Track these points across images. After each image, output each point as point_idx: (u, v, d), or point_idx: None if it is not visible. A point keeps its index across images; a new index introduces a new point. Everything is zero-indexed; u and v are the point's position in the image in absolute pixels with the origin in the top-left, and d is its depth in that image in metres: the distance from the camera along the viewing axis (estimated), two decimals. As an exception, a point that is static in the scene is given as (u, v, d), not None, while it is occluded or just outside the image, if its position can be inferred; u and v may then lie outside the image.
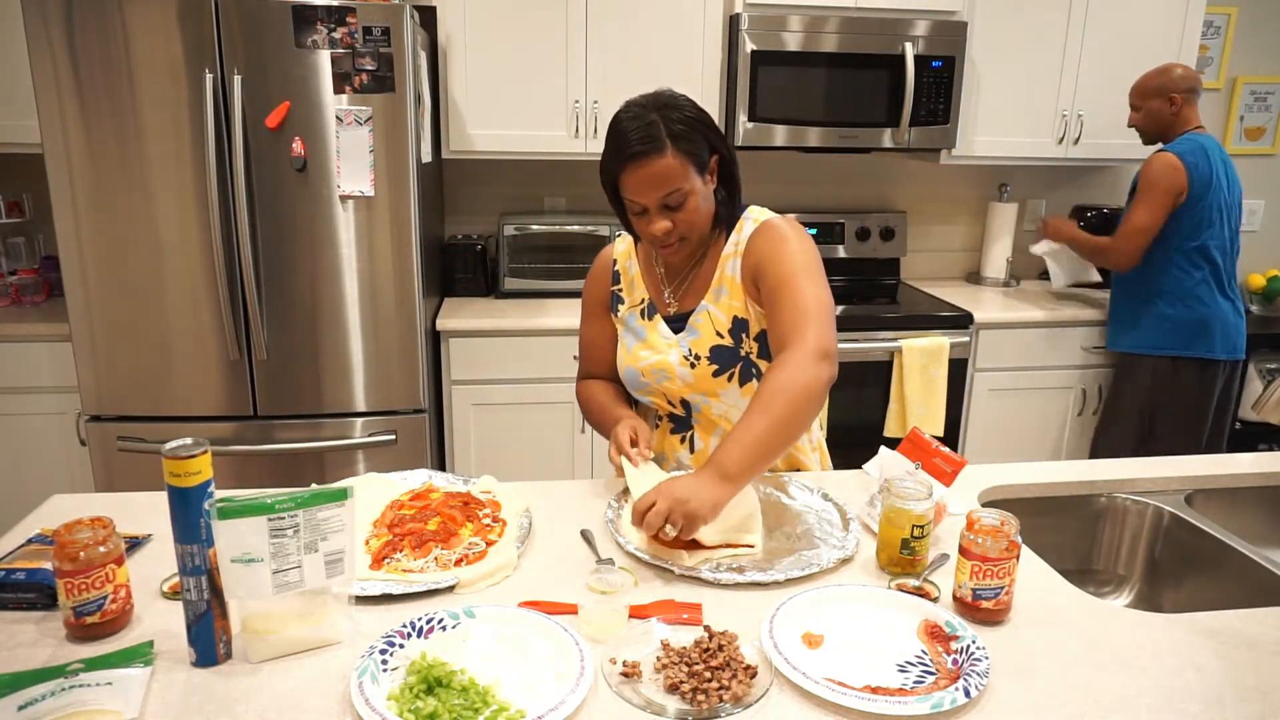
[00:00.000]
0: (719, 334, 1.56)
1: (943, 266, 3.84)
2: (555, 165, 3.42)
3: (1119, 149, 3.40)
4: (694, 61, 3.06)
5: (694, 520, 1.25)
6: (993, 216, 3.63)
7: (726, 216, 1.56)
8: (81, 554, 1.08)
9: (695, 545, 1.32)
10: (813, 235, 3.53)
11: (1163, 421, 2.98)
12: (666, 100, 1.48)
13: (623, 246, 1.68)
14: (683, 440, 1.65)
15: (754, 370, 1.57)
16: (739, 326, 1.56)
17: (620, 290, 1.66)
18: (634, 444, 1.53)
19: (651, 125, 1.43)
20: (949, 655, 1.10)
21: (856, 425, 3.15)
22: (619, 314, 1.66)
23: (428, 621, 1.12)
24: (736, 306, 1.56)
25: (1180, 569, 1.61)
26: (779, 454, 1.34)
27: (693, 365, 1.57)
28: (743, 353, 1.56)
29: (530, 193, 3.48)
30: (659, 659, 1.07)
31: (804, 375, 1.35)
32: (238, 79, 2.40)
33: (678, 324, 1.61)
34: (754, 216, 1.58)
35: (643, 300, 1.64)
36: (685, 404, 1.63)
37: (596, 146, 3.07)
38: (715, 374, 1.57)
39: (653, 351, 1.61)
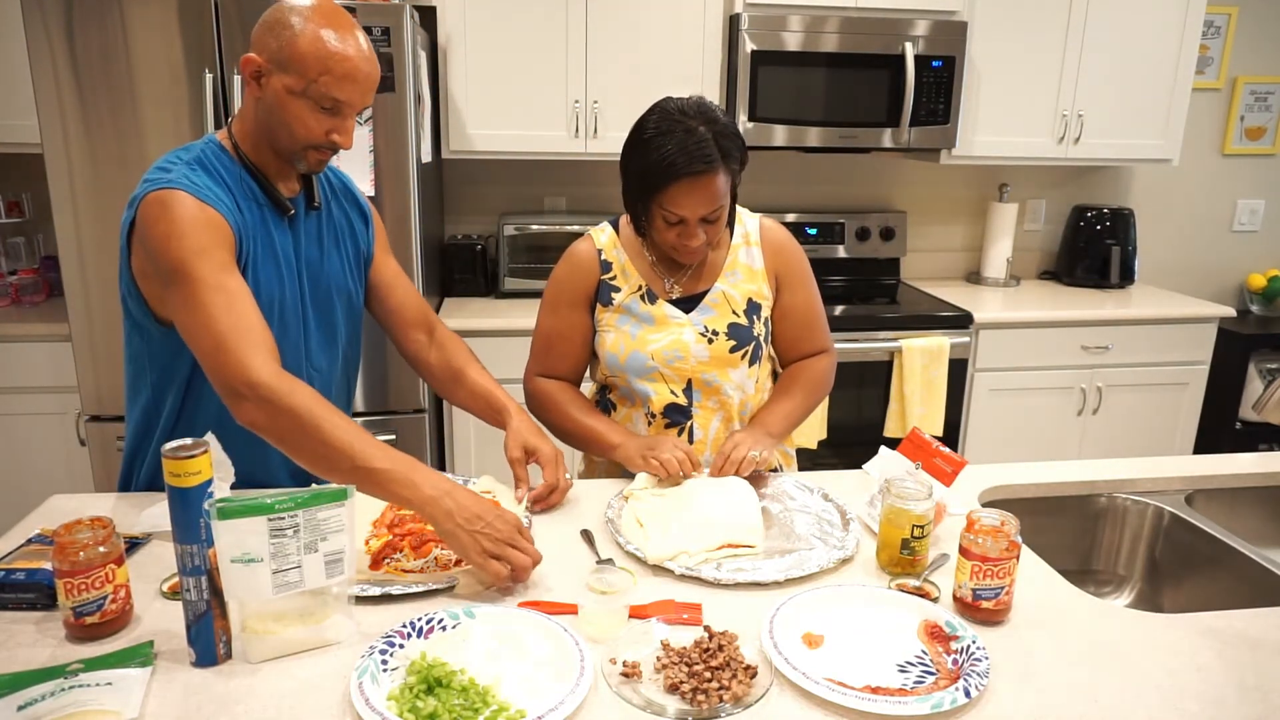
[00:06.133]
0: (735, 312, 1.63)
1: (943, 266, 3.84)
2: (555, 165, 3.42)
3: (1119, 149, 3.40)
4: (694, 61, 3.06)
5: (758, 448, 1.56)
6: (993, 216, 3.63)
7: (730, 213, 1.62)
8: (81, 554, 1.08)
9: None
10: (813, 235, 3.54)
11: None
12: (710, 112, 1.48)
13: (605, 238, 1.67)
14: (680, 433, 1.65)
15: (760, 352, 1.66)
16: (753, 308, 1.65)
17: (613, 279, 1.65)
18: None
19: (706, 142, 1.44)
20: (949, 655, 1.10)
21: (856, 425, 3.15)
22: (614, 303, 1.64)
23: (428, 621, 1.12)
24: (752, 290, 1.65)
25: (1180, 569, 1.61)
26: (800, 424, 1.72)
27: (710, 340, 1.61)
28: (755, 333, 1.64)
29: (530, 193, 3.48)
30: (659, 659, 1.07)
31: (830, 371, 1.76)
32: (238, 79, 2.40)
33: (683, 306, 1.64)
34: (741, 210, 1.69)
35: (640, 287, 1.64)
36: (688, 390, 1.63)
37: (596, 146, 3.07)
38: (732, 350, 1.62)
39: (665, 333, 1.62)
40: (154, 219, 1.30)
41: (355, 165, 2.50)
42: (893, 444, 1.53)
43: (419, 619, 1.12)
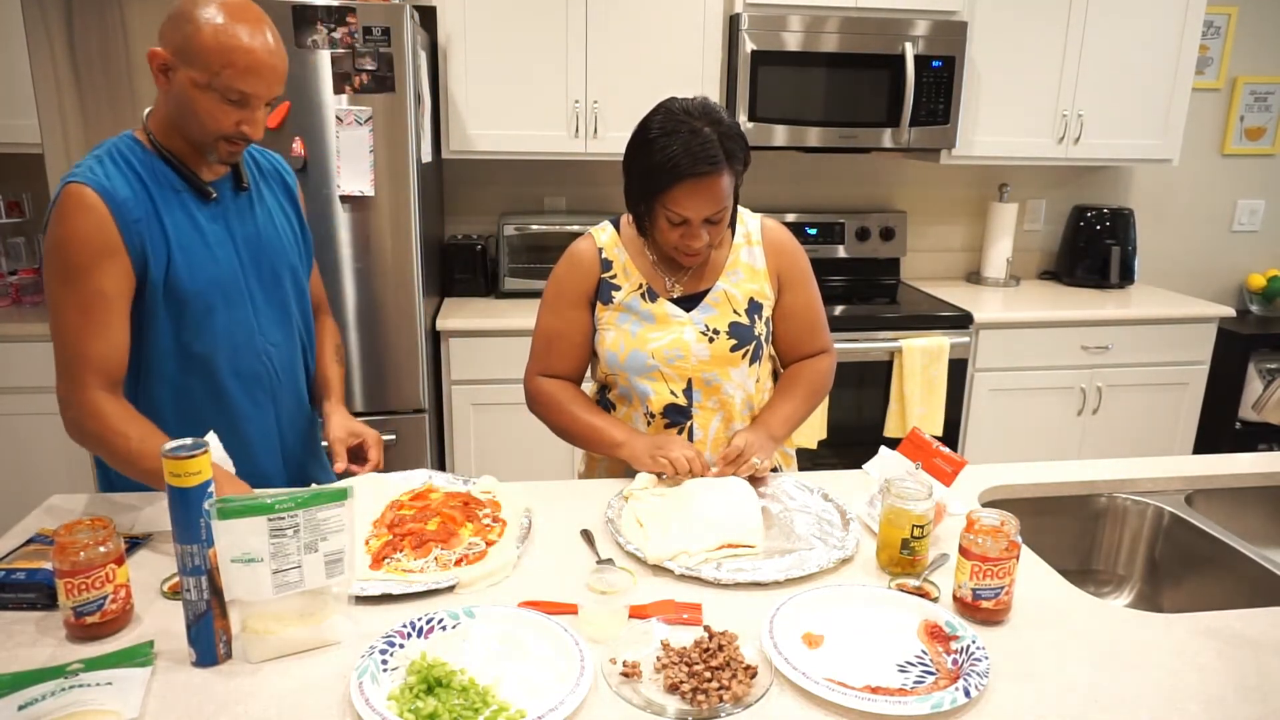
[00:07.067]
0: (736, 311, 1.63)
1: (943, 266, 3.84)
2: (555, 165, 3.42)
3: (1119, 149, 3.40)
4: (694, 61, 3.06)
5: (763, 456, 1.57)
6: (993, 216, 3.63)
7: (732, 213, 1.62)
8: (81, 554, 1.08)
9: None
10: (813, 235, 3.54)
11: None
12: (714, 113, 1.48)
13: (605, 237, 1.67)
14: (680, 433, 1.65)
15: (761, 351, 1.66)
16: (754, 308, 1.64)
17: (614, 278, 1.64)
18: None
19: (711, 143, 1.44)
20: (949, 655, 1.10)
21: (856, 425, 3.15)
22: (614, 301, 1.64)
23: (428, 621, 1.12)
24: (754, 290, 1.65)
25: (1180, 569, 1.61)
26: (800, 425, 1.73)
27: (711, 339, 1.61)
28: (756, 332, 1.64)
29: (530, 193, 3.48)
30: (659, 659, 1.07)
31: (831, 372, 1.76)
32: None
33: (684, 305, 1.63)
34: (743, 210, 1.69)
35: (641, 285, 1.64)
36: (688, 390, 1.63)
37: (596, 146, 3.07)
38: (733, 349, 1.61)
39: (665, 331, 1.61)
40: (53, 220, 1.37)
41: (355, 165, 2.50)
42: (893, 444, 1.53)
43: (419, 619, 1.12)
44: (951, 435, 3.20)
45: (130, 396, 1.45)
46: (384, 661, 1.05)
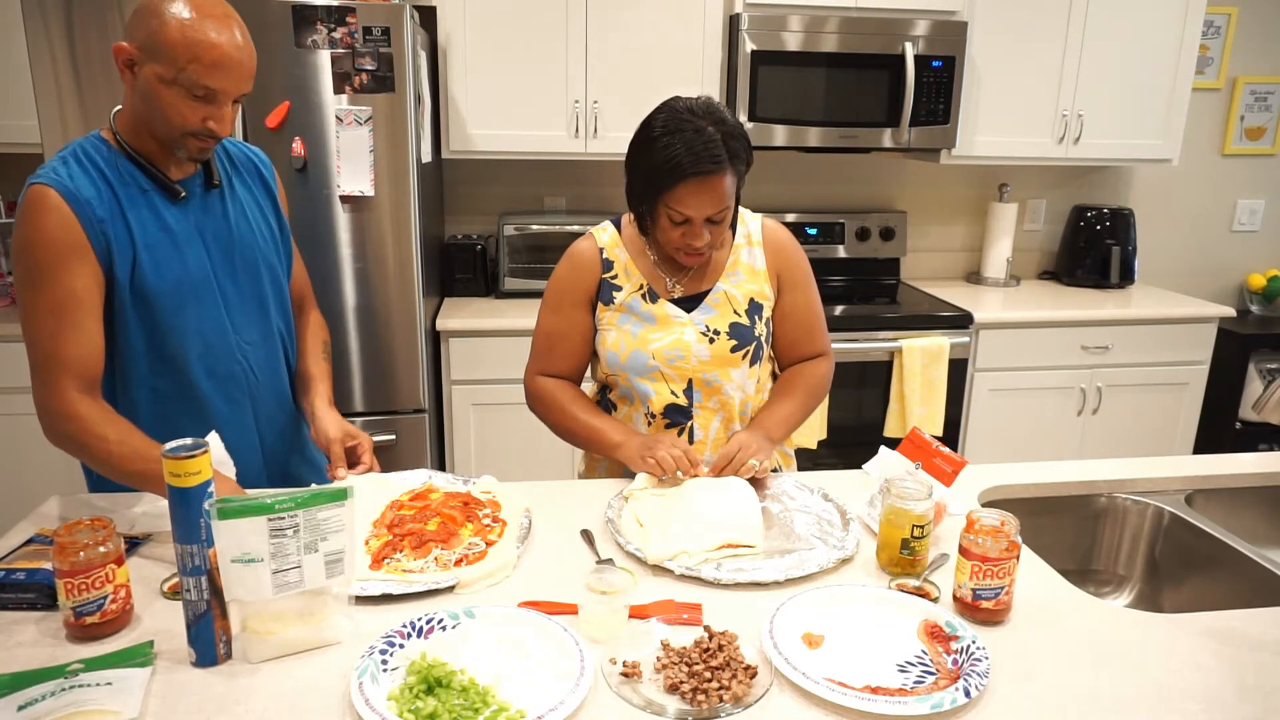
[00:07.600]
0: (736, 312, 1.63)
1: (943, 266, 3.84)
2: (555, 165, 3.42)
3: (1119, 149, 3.40)
4: (694, 61, 3.06)
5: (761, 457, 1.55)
6: (993, 216, 3.63)
7: (734, 214, 1.62)
8: (81, 554, 1.08)
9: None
10: (813, 235, 3.54)
11: None
12: (718, 113, 1.48)
13: (606, 237, 1.67)
14: (680, 433, 1.65)
15: (761, 352, 1.66)
16: (754, 308, 1.64)
17: (615, 278, 1.64)
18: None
19: (714, 142, 1.44)
20: (949, 655, 1.10)
21: (856, 425, 3.15)
22: (615, 301, 1.64)
23: (428, 621, 1.12)
24: (754, 290, 1.65)
25: (1180, 569, 1.61)
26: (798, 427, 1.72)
27: (711, 340, 1.61)
28: (756, 333, 1.64)
29: (530, 193, 3.48)
30: (659, 659, 1.07)
31: (829, 375, 1.75)
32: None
33: (685, 305, 1.63)
34: (744, 210, 1.69)
35: (641, 286, 1.64)
36: (689, 390, 1.63)
37: (596, 146, 3.07)
38: (733, 350, 1.61)
39: (666, 332, 1.61)
40: (19, 222, 1.35)
41: (355, 165, 2.50)
42: (893, 444, 1.53)
43: (419, 619, 1.12)
44: (951, 435, 3.20)
45: (109, 399, 1.44)
46: (384, 661, 1.05)
